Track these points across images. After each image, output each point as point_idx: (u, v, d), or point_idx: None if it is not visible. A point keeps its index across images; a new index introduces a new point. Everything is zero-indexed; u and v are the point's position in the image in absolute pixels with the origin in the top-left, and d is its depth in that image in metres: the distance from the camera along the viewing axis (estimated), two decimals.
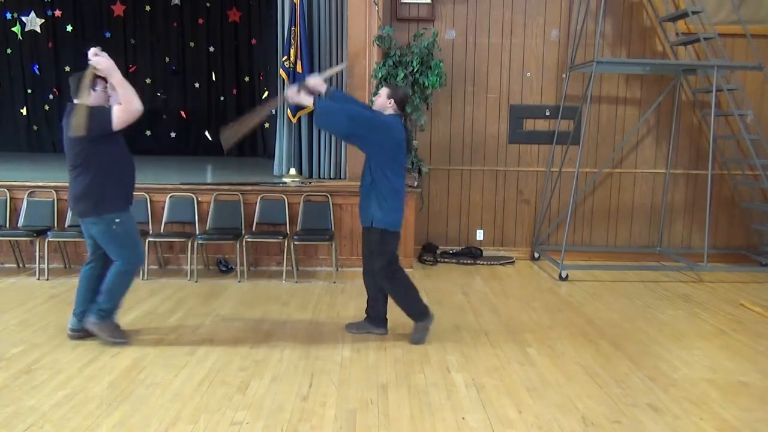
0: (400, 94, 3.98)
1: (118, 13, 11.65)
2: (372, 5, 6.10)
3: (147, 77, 11.95)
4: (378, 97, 4.03)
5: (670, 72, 6.54)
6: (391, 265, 3.97)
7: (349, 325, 4.27)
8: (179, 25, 11.86)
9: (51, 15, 11.52)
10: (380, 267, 3.95)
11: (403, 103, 4.02)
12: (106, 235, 3.79)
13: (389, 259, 3.95)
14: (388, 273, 3.96)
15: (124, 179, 3.89)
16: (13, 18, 11.41)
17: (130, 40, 11.84)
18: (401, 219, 4.00)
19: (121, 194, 3.86)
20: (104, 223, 3.76)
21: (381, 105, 3.98)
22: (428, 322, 4.05)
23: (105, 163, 3.76)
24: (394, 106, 3.95)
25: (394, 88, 4.05)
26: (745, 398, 3.32)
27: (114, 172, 3.80)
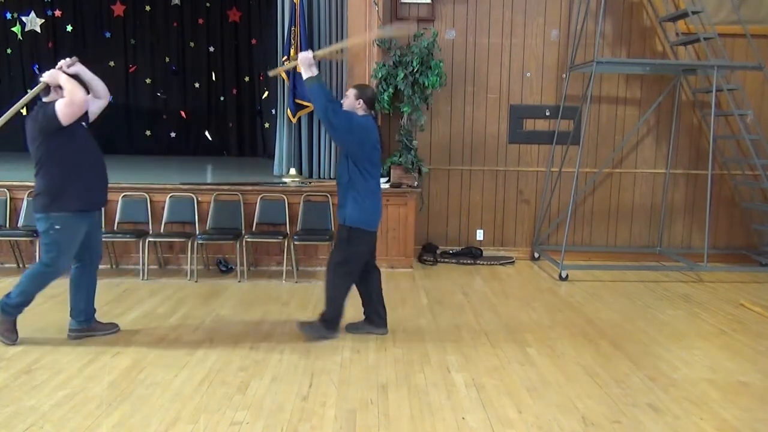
0: (369, 94, 3.97)
1: (118, 13, 11.65)
2: (372, 5, 6.10)
3: (147, 77, 11.96)
4: (346, 98, 4.00)
5: (670, 72, 6.54)
6: (346, 265, 3.95)
7: (349, 325, 4.27)
8: (179, 25, 11.86)
9: (51, 15, 11.52)
10: (335, 262, 3.96)
11: (372, 101, 4.01)
12: (44, 233, 3.76)
13: (347, 257, 3.94)
14: (338, 271, 3.95)
15: (84, 180, 3.79)
16: (13, 18, 11.41)
17: (130, 40, 11.84)
18: (377, 220, 4.01)
19: (77, 195, 3.75)
20: (47, 221, 3.72)
21: (350, 106, 3.95)
22: (327, 334, 4.02)
23: (63, 161, 3.71)
24: (364, 105, 3.93)
25: (362, 87, 4.04)
26: (745, 398, 3.32)
27: (72, 171, 3.73)
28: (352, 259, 3.96)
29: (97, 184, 3.91)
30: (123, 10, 11.63)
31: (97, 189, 3.93)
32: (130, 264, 5.96)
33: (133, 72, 11.93)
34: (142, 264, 5.59)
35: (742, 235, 6.88)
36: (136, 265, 5.85)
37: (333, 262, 4.00)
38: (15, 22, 11.39)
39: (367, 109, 3.96)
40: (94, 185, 3.89)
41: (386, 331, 4.19)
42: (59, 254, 3.78)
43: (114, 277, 5.59)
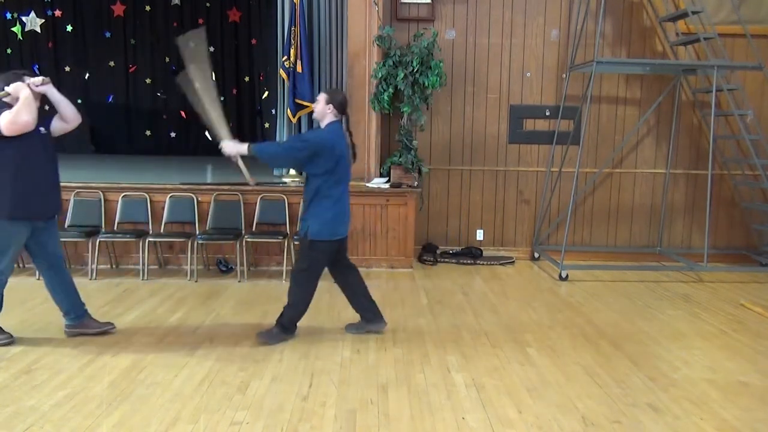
0: (339, 98, 3.95)
1: (118, 13, 11.65)
2: (372, 5, 6.10)
3: (147, 77, 11.96)
4: (317, 103, 3.98)
5: (670, 72, 6.54)
6: (308, 271, 3.96)
7: (349, 326, 4.27)
8: (179, 25, 11.85)
9: (51, 15, 11.52)
10: (298, 269, 3.99)
11: (343, 106, 3.97)
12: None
13: (309, 265, 3.96)
14: (300, 277, 3.97)
15: (21, 188, 3.68)
16: (13, 18, 11.41)
17: (130, 40, 11.85)
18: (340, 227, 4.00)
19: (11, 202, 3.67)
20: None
21: (321, 111, 3.94)
22: (283, 337, 4.01)
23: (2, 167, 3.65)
24: (334, 111, 3.92)
25: (333, 92, 4.01)
26: (745, 398, 3.32)
27: (10, 178, 3.65)
28: (313, 265, 3.98)
29: (37, 193, 3.77)
30: (123, 10, 11.64)
31: (36, 198, 3.78)
32: (130, 264, 5.96)
33: (133, 72, 11.93)
34: (142, 264, 5.59)
35: (742, 235, 6.88)
36: (136, 265, 5.85)
37: (296, 270, 4.03)
38: (15, 22, 11.39)
39: (337, 113, 3.94)
40: (32, 194, 3.74)
41: (384, 323, 4.19)
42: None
43: (114, 277, 5.59)
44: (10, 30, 11.40)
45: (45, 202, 3.86)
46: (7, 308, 4.02)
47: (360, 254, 6.11)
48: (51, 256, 3.99)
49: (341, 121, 3.98)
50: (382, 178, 6.26)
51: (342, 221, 4.01)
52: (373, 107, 6.14)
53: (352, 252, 6.10)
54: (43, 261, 3.96)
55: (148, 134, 12.06)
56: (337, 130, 3.94)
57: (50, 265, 3.98)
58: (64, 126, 3.92)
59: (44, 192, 3.83)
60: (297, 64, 6.23)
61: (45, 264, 3.98)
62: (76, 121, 3.95)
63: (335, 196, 3.91)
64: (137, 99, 12.00)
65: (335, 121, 3.95)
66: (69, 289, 4.04)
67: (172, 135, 12.13)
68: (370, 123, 6.27)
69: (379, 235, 6.11)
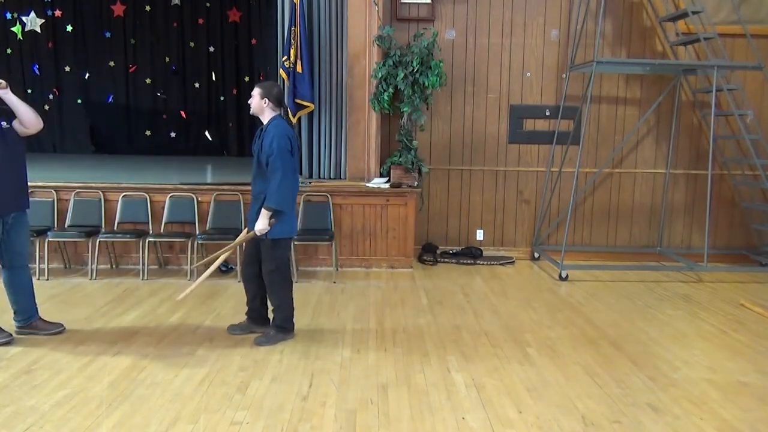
0: (275, 92, 3.91)
1: (118, 13, 11.66)
2: (372, 5, 6.10)
3: (147, 77, 11.97)
4: (252, 98, 3.94)
5: (670, 72, 6.54)
6: (279, 269, 3.96)
7: (232, 326, 4.19)
8: (179, 25, 11.87)
9: (51, 15, 11.52)
10: (269, 271, 3.95)
11: (279, 99, 3.94)
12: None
13: (278, 263, 3.95)
14: (273, 277, 3.96)
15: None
16: (13, 18, 11.41)
17: (130, 40, 11.85)
18: (295, 226, 4.03)
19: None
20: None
21: (257, 106, 3.91)
22: (283, 338, 4.00)
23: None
24: (271, 104, 3.89)
25: (267, 86, 3.95)
26: (745, 398, 3.32)
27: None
28: (281, 264, 3.99)
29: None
30: (123, 10, 11.64)
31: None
32: (130, 264, 5.96)
33: (133, 72, 11.94)
34: (142, 264, 5.60)
35: (742, 235, 6.88)
36: (136, 265, 5.85)
37: (266, 273, 3.98)
38: (15, 22, 11.39)
39: (275, 107, 3.91)
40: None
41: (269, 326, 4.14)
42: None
43: (114, 277, 5.59)
44: (10, 30, 11.40)
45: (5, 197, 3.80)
46: (8, 308, 4.02)
47: (360, 254, 6.11)
48: (15, 255, 3.94)
49: (281, 114, 3.93)
50: (382, 178, 6.26)
51: (294, 217, 4.04)
52: (373, 107, 6.14)
53: (353, 252, 6.11)
54: (6, 259, 3.93)
55: (148, 134, 12.06)
56: (284, 124, 3.91)
57: (12, 264, 3.95)
58: (23, 130, 3.85)
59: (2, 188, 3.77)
60: (297, 64, 6.23)
61: (7, 262, 3.94)
62: (36, 127, 3.85)
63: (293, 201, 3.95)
64: (137, 99, 12.01)
65: (276, 115, 3.91)
66: (27, 290, 4.00)
67: (172, 135, 12.14)
68: (370, 123, 6.28)
69: (379, 235, 6.10)
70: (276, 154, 3.76)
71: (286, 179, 3.79)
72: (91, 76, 11.86)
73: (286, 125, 3.92)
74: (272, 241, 3.90)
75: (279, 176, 3.76)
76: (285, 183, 3.79)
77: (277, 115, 3.93)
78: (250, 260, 4.08)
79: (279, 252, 3.96)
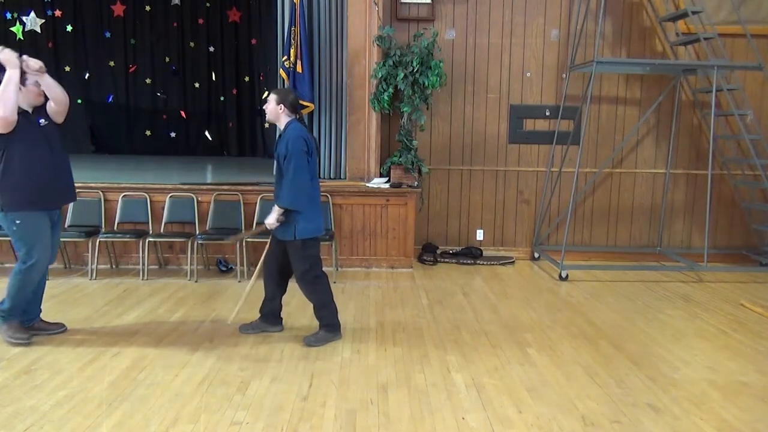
0: (290, 99, 3.93)
1: (118, 13, 11.67)
2: (372, 5, 6.10)
3: (147, 77, 11.98)
4: (268, 104, 3.95)
5: (670, 72, 6.54)
6: (312, 269, 3.97)
7: (244, 326, 4.20)
8: (179, 25, 11.88)
9: (51, 15, 11.53)
10: (302, 272, 3.95)
11: (294, 105, 3.94)
12: (9, 231, 3.78)
13: (310, 263, 3.96)
14: (308, 278, 3.96)
15: (31, 180, 3.72)
16: (13, 18, 11.42)
17: (130, 40, 11.86)
18: (321, 224, 4.03)
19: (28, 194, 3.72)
20: (5, 219, 3.73)
21: (273, 112, 3.92)
22: (332, 338, 4.02)
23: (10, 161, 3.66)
24: (286, 110, 3.90)
25: (283, 92, 3.98)
26: (745, 398, 3.32)
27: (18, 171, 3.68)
28: (313, 263, 3.98)
29: (45, 184, 3.81)
30: (123, 10, 11.65)
31: (47, 189, 3.83)
32: (130, 264, 5.97)
33: (133, 72, 11.94)
34: (142, 264, 5.60)
35: (742, 235, 6.88)
36: (136, 265, 5.86)
37: (299, 275, 3.98)
38: (15, 22, 11.39)
39: (290, 112, 3.92)
40: (42, 185, 3.79)
41: (282, 328, 4.21)
42: (30, 247, 3.77)
43: (114, 277, 5.59)
44: (10, 30, 11.40)
45: (55, 192, 3.89)
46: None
47: (360, 254, 6.11)
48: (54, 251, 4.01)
49: (297, 119, 3.95)
50: (382, 178, 6.26)
51: (320, 216, 4.04)
52: (373, 107, 6.14)
53: (353, 252, 6.11)
54: None
55: (148, 134, 12.07)
56: (300, 127, 3.92)
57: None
58: (55, 109, 3.89)
59: (56, 182, 3.87)
60: (297, 64, 6.23)
61: None
62: (65, 102, 3.91)
63: (313, 194, 3.94)
64: (137, 99, 12.02)
65: (292, 119, 3.93)
66: (39, 290, 4.01)
67: (172, 135, 12.15)
68: (370, 123, 6.28)
69: (379, 235, 6.10)
70: (290, 156, 3.78)
71: (297, 178, 3.78)
72: (91, 76, 11.87)
73: (302, 128, 3.92)
74: (302, 242, 3.89)
75: (290, 176, 3.78)
76: (296, 182, 3.78)
77: (293, 119, 3.93)
78: (271, 258, 4.09)
79: (309, 252, 3.94)
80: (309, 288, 4.01)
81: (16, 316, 3.86)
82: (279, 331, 4.20)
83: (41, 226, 3.82)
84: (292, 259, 3.96)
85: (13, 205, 3.71)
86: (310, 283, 3.98)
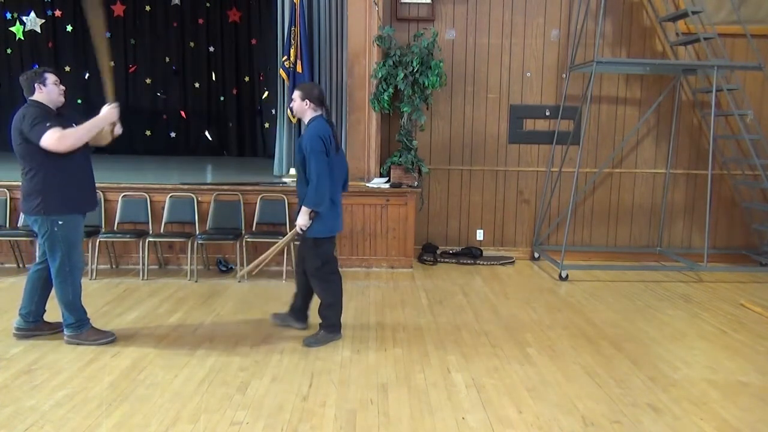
0: (315, 93, 3.89)
1: (118, 13, 11.65)
2: (372, 5, 6.10)
3: (147, 77, 11.96)
4: (293, 101, 3.94)
5: (670, 72, 6.54)
6: (325, 266, 3.99)
7: (274, 315, 4.34)
8: (179, 25, 11.87)
9: (51, 15, 11.52)
10: (315, 268, 3.97)
11: (321, 99, 3.91)
12: (46, 235, 3.75)
13: (323, 260, 3.98)
14: (320, 275, 3.99)
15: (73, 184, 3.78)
16: (13, 18, 11.41)
17: (130, 40, 11.85)
18: (336, 224, 4.02)
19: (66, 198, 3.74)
20: (45, 222, 3.72)
21: (299, 109, 3.91)
22: (332, 338, 4.03)
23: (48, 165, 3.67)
24: (312, 105, 3.87)
25: (307, 87, 3.94)
26: (745, 398, 3.32)
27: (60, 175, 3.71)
28: (326, 259, 4.00)
29: (86, 188, 3.91)
30: (123, 10, 11.63)
31: (88, 193, 3.93)
32: (130, 264, 5.96)
33: (133, 72, 11.93)
34: (142, 264, 5.60)
35: (742, 235, 6.88)
36: (136, 265, 5.86)
37: (311, 270, 3.99)
38: (15, 22, 11.39)
39: (316, 107, 3.89)
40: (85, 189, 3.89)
41: (306, 326, 4.23)
42: (70, 250, 3.78)
43: (114, 277, 5.59)
44: (10, 30, 11.40)
45: (93, 196, 4.00)
46: (8, 307, 4.03)
47: (360, 254, 6.11)
48: None
49: (323, 114, 3.93)
50: (382, 178, 6.26)
51: (337, 216, 4.02)
52: (373, 107, 6.14)
53: (353, 252, 6.11)
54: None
55: (148, 134, 12.06)
56: (322, 124, 3.88)
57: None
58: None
59: (91, 187, 3.97)
60: (297, 64, 6.23)
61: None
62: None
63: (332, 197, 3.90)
64: (137, 99, 12.00)
65: (317, 115, 3.90)
66: (46, 292, 4.00)
67: (172, 135, 12.13)
68: (370, 123, 6.28)
69: (379, 235, 6.11)
70: (309, 157, 3.76)
71: (321, 182, 3.75)
72: (91, 76, 11.86)
73: (321, 126, 3.85)
74: (313, 240, 3.92)
75: (314, 179, 3.75)
76: (320, 186, 3.75)
77: (317, 116, 3.89)
78: (299, 258, 4.15)
79: (321, 249, 3.96)
80: (321, 285, 4.02)
81: (85, 323, 3.89)
82: (303, 328, 4.21)
83: (80, 228, 3.87)
84: (306, 254, 4.00)
85: (56, 207, 3.71)
86: (323, 280, 4.00)
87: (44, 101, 3.75)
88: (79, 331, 3.85)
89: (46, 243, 3.77)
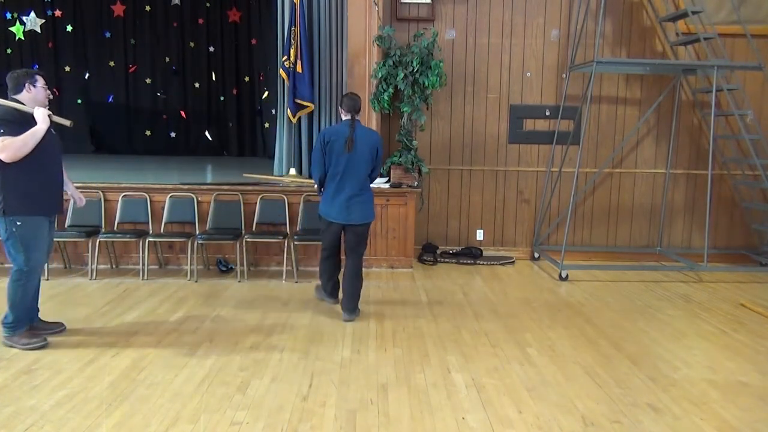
0: (344, 100, 4.42)
1: (118, 13, 11.66)
2: (372, 5, 6.10)
3: (147, 77, 11.97)
4: None
5: (670, 72, 6.54)
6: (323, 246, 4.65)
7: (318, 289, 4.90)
8: (179, 25, 11.88)
9: (51, 15, 11.52)
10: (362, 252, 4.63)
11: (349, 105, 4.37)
12: (6, 236, 3.73)
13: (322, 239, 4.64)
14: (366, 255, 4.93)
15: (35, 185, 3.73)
16: (13, 18, 11.41)
17: (130, 40, 11.86)
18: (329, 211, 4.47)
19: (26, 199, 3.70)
20: (4, 222, 3.70)
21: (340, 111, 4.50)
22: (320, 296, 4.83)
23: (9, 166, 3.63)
24: (342, 111, 4.42)
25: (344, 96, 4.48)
26: (745, 398, 3.32)
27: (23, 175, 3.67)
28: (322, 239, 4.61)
29: (50, 190, 3.85)
30: (123, 10, 11.64)
31: (51, 195, 3.87)
32: (130, 264, 5.97)
33: (133, 72, 11.94)
34: (142, 264, 5.60)
35: (742, 235, 6.88)
36: (136, 265, 5.86)
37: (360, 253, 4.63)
38: (15, 22, 11.39)
39: (346, 112, 4.39)
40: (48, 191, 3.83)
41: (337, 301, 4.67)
42: (29, 252, 3.75)
43: (114, 277, 5.59)
44: (10, 30, 11.40)
45: (57, 198, 3.93)
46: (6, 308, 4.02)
47: None
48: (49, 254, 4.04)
49: (352, 118, 4.38)
50: (382, 178, 6.26)
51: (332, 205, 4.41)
52: (373, 107, 6.14)
53: None
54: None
55: (148, 134, 12.06)
56: (337, 126, 4.46)
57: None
58: None
59: (56, 189, 3.92)
60: (297, 64, 6.23)
61: None
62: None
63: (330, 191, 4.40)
64: (137, 99, 12.01)
65: (346, 119, 4.40)
66: (35, 294, 3.99)
67: (172, 135, 12.14)
68: (370, 123, 6.26)
69: (379, 235, 6.11)
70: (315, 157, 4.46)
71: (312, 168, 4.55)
72: (91, 76, 11.87)
73: (335, 127, 4.47)
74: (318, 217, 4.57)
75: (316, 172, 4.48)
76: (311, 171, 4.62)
77: (345, 120, 4.40)
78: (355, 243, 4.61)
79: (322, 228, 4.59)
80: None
81: (23, 326, 3.84)
82: (334, 303, 4.70)
83: (41, 230, 3.82)
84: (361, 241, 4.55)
85: (16, 207, 3.69)
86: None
87: (26, 101, 3.74)
88: (12, 333, 3.80)
89: (6, 243, 3.75)
